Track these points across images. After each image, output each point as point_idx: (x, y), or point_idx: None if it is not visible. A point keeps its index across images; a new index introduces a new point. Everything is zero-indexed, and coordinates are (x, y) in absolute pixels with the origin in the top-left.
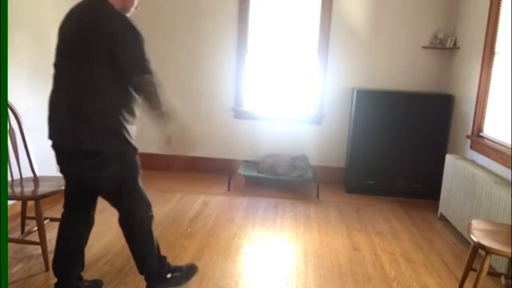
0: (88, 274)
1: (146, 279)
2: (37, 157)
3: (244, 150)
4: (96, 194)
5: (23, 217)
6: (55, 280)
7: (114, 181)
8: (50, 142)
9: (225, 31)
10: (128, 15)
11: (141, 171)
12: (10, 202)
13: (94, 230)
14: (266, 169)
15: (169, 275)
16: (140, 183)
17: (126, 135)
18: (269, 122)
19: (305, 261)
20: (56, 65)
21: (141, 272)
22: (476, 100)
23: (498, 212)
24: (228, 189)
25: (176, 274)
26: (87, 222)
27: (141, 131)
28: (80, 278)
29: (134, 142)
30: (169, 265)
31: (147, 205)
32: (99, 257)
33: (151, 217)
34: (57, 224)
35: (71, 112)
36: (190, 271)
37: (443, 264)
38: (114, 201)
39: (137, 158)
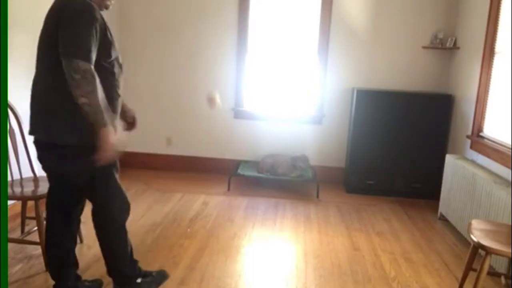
0: (88, 274)
1: (115, 280)
2: None
3: (244, 150)
4: (74, 189)
5: (23, 217)
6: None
7: (83, 174)
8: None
9: (225, 31)
10: (109, 4)
11: (118, 167)
12: (10, 202)
13: (90, 230)
14: (266, 169)
15: (139, 280)
16: (118, 181)
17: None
18: (269, 122)
19: (305, 261)
20: (36, 59)
21: (109, 273)
22: (476, 100)
23: (498, 212)
24: (228, 189)
25: (147, 279)
26: (73, 221)
27: (141, 131)
28: (78, 277)
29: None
30: (140, 269)
31: (124, 205)
32: (99, 257)
33: (127, 216)
34: None
35: (41, 105)
36: (160, 277)
37: (443, 264)
38: (89, 198)
39: None
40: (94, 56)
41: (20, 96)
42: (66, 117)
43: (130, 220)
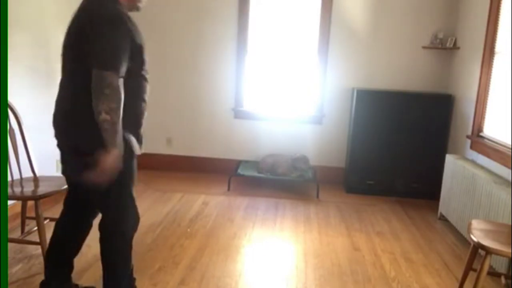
0: (87, 275)
1: None
2: (37, 157)
3: (244, 150)
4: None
5: (23, 217)
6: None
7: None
8: (49, 142)
9: (225, 31)
10: (141, 6)
11: (135, 179)
12: (10, 202)
13: (92, 231)
14: (266, 169)
15: None
16: (133, 192)
17: (122, 136)
18: (269, 122)
19: (305, 261)
20: (61, 65)
21: (105, 286)
22: (476, 100)
23: (498, 212)
24: (228, 189)
25: None
26: (85, 225)
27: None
28: (69, 279)
29: (126, 145)
30: None
31: (134, 219)
32: (98, 258)
33: (134, 231)
34: None
35: (64, 110)
36: None
37: (443, 264)
38: (101, 208)
39: (133, 164)
40: (124, 70)
41: (20, 96)
42: (91, 125)
43: None
